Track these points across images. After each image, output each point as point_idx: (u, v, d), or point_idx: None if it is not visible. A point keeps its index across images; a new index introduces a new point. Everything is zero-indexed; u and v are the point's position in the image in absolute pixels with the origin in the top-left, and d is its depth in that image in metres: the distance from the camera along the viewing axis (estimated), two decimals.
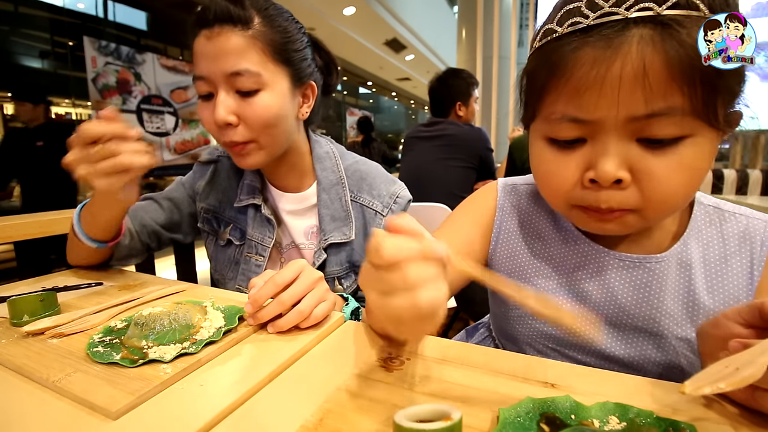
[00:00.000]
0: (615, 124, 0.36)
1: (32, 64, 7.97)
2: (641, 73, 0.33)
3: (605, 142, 0.37)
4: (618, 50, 0.34)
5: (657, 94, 0.34)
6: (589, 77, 0.35)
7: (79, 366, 0.38)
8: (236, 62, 0.60)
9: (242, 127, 0.62)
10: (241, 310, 0.49)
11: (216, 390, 0.35)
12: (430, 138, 1.83)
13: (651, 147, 0.36)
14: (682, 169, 0.36)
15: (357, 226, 0.73)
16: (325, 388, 0.35)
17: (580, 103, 0.37)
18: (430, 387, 0.36)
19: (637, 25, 0.34)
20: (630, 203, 0.38)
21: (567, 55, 0.37)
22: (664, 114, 0.34)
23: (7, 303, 0.49)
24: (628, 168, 0.37)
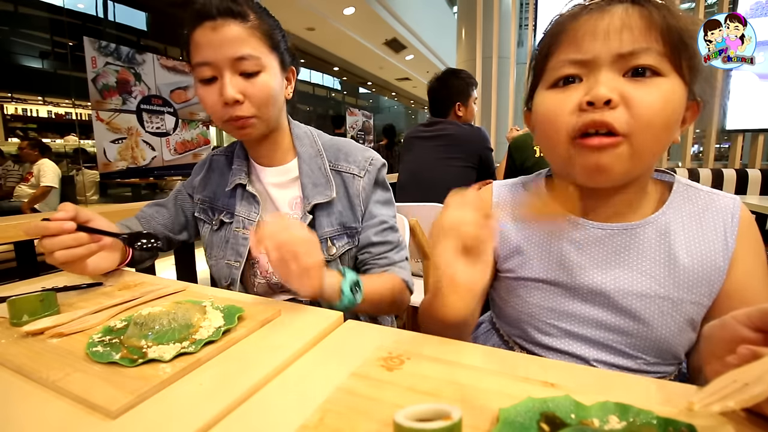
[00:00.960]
0: (606, 60, 0.46)
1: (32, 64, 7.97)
2: (626, 21, 0.45)
3: (598, 75, 0.46)
4: (607, 11, 0.46)
5: (637, 35, 0.44)
6: (585, 28, 0.47)
7: (79, 365, 0.38)
8: (240, 48, 0.69)
9: (247, 103, 0.71)
10: (240, 309, 0.49)
11: (215, 389, 0.35)
12: (429, 138, 1.83)
13: (635, 79, 0.45)
14: (660, 98, 0.44)
15: (339, 191, 0.80)
16: (325, 388, 0.35)
17: (578, 47, 0.47)
18: (429, 386, 0.36)
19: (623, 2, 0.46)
20: (620, 122, 0.44)
21: (569, 20, 0.48)
22: (643, 51, 0.44)
23: (7, 303, 0.49)
24: (617, 94, 0.44)
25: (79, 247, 0.60)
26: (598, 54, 0.46)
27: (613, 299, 0.51)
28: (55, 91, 8.18)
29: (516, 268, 0.58)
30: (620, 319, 0.52)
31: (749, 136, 3.12)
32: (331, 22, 8.32)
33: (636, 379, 0.37)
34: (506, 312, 0.61)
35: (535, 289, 0.56)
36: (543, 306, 0.56)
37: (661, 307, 0.50)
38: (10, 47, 7.47)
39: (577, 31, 0.47)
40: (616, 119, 0.44)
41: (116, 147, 3.83)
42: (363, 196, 0.81)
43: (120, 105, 3.82)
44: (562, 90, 0.49)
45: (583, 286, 0.53)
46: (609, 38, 0.45)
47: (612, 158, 0.46)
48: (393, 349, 0.43)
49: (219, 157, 0.89)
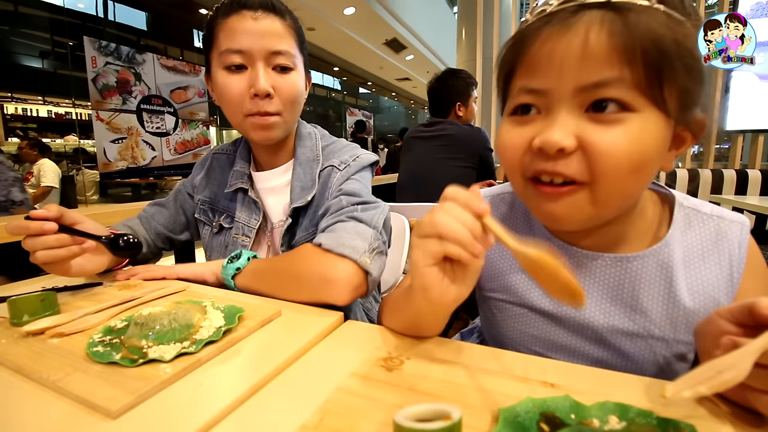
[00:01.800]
0: (565, 94, 0.38)
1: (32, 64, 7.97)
2: (585, 45, 0.36)
3: (555, 113, 0.39)
4: (570, 27, 0.37)
5: (599, 64, 0.36)
6: (541, 51, 0.39)
7: (79, 365, 0.38)
8: (279, 42, 0.69)
9: (276, 99, 0.70)
10: (241, 309, 0.49)
11: (216, 389, 0.35)
12: (429, 138, 1.83)
13: (597, 118, 0.38)
14: (625, 142, 0.37)
15: (319, 189, 0.76)
16: (325, 388, 0.35)
17: (534, 74, 0.40)
18: (430, 387, 0.36)
19: (591, 9, 0.37)
20: (574, 172, 0.38)
21: (529, 36, 0.40)
22: (607, 84, 0.37)
23: (7, 303, 0.49)
24: (574, 137, 0.38)
25: (61, 249, 0.58)
26: (554, 86, 0.39)
27: (602, 335, 0.47)
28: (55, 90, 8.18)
29: (499, 290, 0.54)
30: (607, 354, 0.47)
31: (749, 136, 3.12)
32: (331, 22, 8.32)
33: (636, 379, 0.37)
34: (491, 332, 0.58)
35: (520, 315, 0.52)
36: (527, 333, 0.51)
37: (653, 347, 0.45)
38: (10, 47, 7.47)
39: (535, 52, 0.39)
40: (571, 168, 0.38)
41: (116, 147, 3.84)
42: (334, 188, 0.73)
43: (120, 105, 3.82)
44: (519, 122, 0.42)
45: (571, 317, 0.48)
46: (568, 66, 0.37)
47: (568, 207, 0.40)
48: (393, 350, 0.43)
49: (220, 156, 0.87)
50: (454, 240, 0.36)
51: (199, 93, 4.61)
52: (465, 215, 0.36)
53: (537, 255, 0.34)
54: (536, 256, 0.34)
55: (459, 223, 0.36)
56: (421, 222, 0.39)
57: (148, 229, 0.85)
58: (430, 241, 0.37)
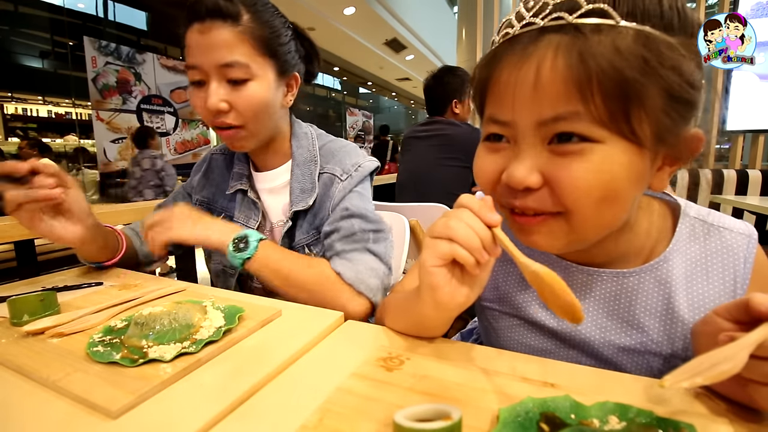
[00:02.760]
0: (527, 128, 0.37)
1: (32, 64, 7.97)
2: (538, 79, 0.35)
3: (520, 146, 0.38)
4: (528, 57, 0.35)
5: (553, 99, 0.35)
6: (503, 81, 0.38)
7: (79, 365, 0.38)
8: (227, 54, 0.65)
9: (233, 113, 0.68)
10: (241, 309, 0.49)
11: (216, 389, 0.35)
12: (427, 137, 1.82)
13: (560, 150, 0.36)
14: (589, 174, 0.35)
15: (320, 194, 0.76)
16: (325, 388, 0.35)
17: (498, 105, 0.39)
18: (430, 387, 0.36)
19: (551, 33, 0.35)
20: (543, 206, 0.38)
21: (493, 62, 0.39)
22: (566, 119, 0.35)
23: (7, 303, 0.49)
24: (539, 173, 0.37)
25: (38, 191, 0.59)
26: (516, 119, 0.37)
27: (598, 349, 0.46)
28: (55, 90, 8.18)
29: (496, 300, 0.53)
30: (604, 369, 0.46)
31: (749, 136, 3.12)
32: (331, 22, 8.32)
33: (636, 379, 0.37)
34: (489, 340, 0.58)
35: (516, 326, 0.52)
36: (523, 343, 0.51)
37: (650, 362, 0.45)
38: (10, 47, 7.47)
39: (497, 82, 0.38)
40: (540, 203, 0.38)
41: (116, 147, 3.84)
42: (338, 196, 0.74)
43: (120, 105, 3.83)
44: (491, 149, 0.42)
45: (568, 331, 0.48)
46: (524, 101, 0.36)
47: (545, 236, 0.40)
48: (393, 350, 0.43)
49: (218, 156, 0.87)
50: (464, 244, 0.37)
51: None
52: (477, 223, 0.38)
53: (543, 271, 0.35)
54: (542, 272, 0.35)
55: (470, 230, 0.37)
56: (435, 224, 0.40)
57: None
58: (441, 243, 0.38)
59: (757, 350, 0.28)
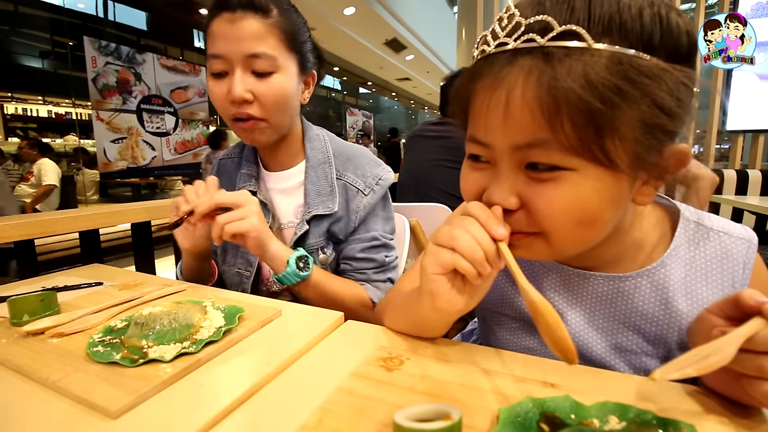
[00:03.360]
0: (504, 151, 0.37)
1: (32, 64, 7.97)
2: (508, 105, 0.34)
3: (500, 168, 0.38)
4: (501, 81, 0.35)
5: (523, 126, 0.34)
6: (480, 103, 0.37)
7: (79, 365, 0.38)
8: (256, 45, 0.66)
9: (256, 104, 0.68)
10: (241, 309, 0.49)
11: (216, 390, 0.35)
12: (435, 138, 1.81)
13: (534, 176, 0.36)
14: (563, 201, 0.35)
15: (340, 201, 0.76)
16: (325, 388, 0.35)
17: (476, 126, 0.38)
18: (430, 387, 0.36)
19: (523, 55, 0.34)
20: (522, 227, 0.38)
21: (470, 80, 0.38)
22: (536, 145, 0.34)
23: (7, 303, 0.49)
24: (516, 195, 0.37)
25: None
26: (492, 142, 0.37)
27: (594, 351, 0.46)
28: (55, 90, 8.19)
29: (495, 302, 0.53)
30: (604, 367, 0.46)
31: (749, 136, 3.12)
32: (331, 22, 8.32)
33: (636, 379, 0.37)
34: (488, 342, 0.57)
35: (515, 329, 0.52)
36: (522, 345, 0.51)
37: (647, 366, 0.45)
38: (10, 47, 7.47)
39: (473, 104, 0.38)
40: (519, 224, 0.38)
41: (116, 147, 3.84)
42: (362, 214, 0.77)
43: (120, 105, 3.83)
44: (474, 167, 0.42)
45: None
46: (497, 125, 0.36)
47: (527, 251, 0.40)
48: (393, 350, 0.43)
49: (227, 161, 0.87)
50: (467, 256, 0.37)
51: (199, 93, 4.61)
52: (482, 234, 0.37)
53: (540, 302, 0.34)
54: (539, 303, 0.34)
55: (475, 241, 0.37)
56: (439, 231, 0.39)
57: None
58: (444, 252, 0.38)
59: (746, 344, 0.29)
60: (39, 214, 1.05)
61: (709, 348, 0.29)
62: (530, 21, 0.33)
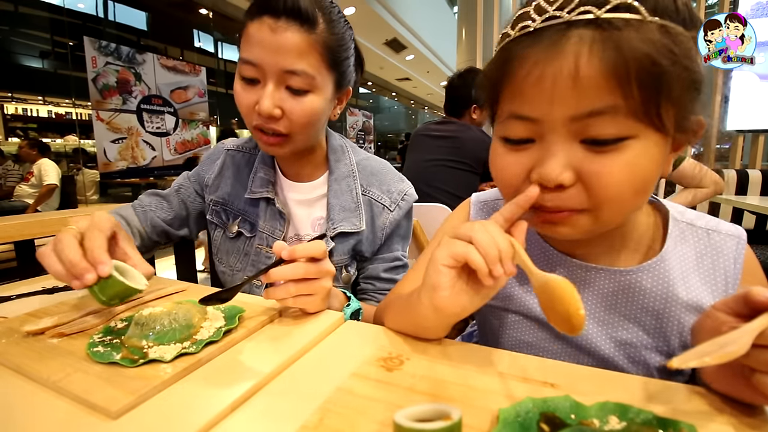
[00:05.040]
0: (558, 123, 0.37)
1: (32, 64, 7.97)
2: (576, 73, 0.34)
3: (550, 143, 0.38)
4: (558, 51, 0.35)
5: (592, 93, 0.34)
6: (531, 76, 0.36)
7: (79, 366, 0.38)
8: (295, 61, 0.61)
9: (284, 120, 0.64)
10: (241, 309, 0.49)
11: (216, 390, 0.35)
12: (438, 137, 1.80)
13: (594, 148, 0.36)
14: (626, 170, 0.36)
15: (366, 219, 0.74)
16: (325, 388, 0.35)
17: (524, 101, 0.38)
18: (430, 387, 0.36)
19: (578, 27, 0.35)
20: (575, 204, 0.38)
21: (515, 56, 0.38)
22: (601, 113, 0.35)
23: None
24: (572, 169, 0.37)
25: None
26: (545, 115, 0.37)
27: (597, 345, 0.47)
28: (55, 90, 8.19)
29: (497, 297, 0.52)
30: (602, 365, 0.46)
31: (749, 136, 3.12)
32: None
33: (636, 379, 0.37)
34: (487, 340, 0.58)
35: (516, 323, 0.52)
36: (523, 341, 0.51)
37: (648, 359, 0.45)
38: (10, 47, 7.47)
39: (524, 77, 0.37)
40: (571, 200, 0.38)
41: (116, 147, 3.84)
42: (387, 231, 0.75)
43: (120, 105, 3.82)
44: (513, 150, 0.41)
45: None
46: (560, 95, 0.35)
47: (570, 228, 0.40)
48: (393, 349, 0.43)
49: (236, 154, 0.81)
50: (481, 250, 0.36)
51: (200, 93, 4.61)
52: (501, 236, 0.37)
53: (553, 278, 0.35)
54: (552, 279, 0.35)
55: (492, 239, 0.37)
56: (459, 227, 0.39)
57: (144, 221, 0.78)
58: (459, 243, 0.38)
59: (758, 339, 0.29)
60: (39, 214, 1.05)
61: (724, 339, 0.30)
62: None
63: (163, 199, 0.82)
